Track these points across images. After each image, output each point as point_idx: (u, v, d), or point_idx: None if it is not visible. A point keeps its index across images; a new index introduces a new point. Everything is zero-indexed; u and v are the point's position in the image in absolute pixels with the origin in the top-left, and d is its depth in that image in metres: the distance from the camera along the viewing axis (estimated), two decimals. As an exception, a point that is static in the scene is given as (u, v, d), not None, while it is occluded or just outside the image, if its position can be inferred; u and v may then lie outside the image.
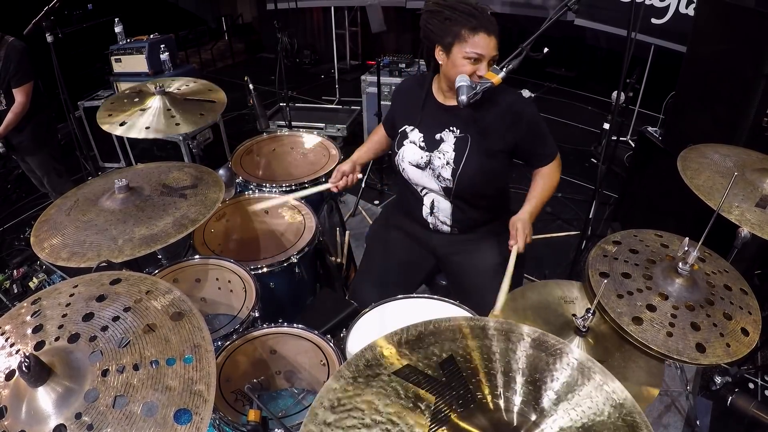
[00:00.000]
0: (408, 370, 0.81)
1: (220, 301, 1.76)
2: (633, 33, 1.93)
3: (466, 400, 0.78)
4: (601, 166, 2.24)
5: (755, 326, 1.14)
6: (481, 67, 1.48)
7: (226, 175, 2.21)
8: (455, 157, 1.62)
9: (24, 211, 3.61)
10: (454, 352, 0.84)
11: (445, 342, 0.86)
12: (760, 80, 2.03)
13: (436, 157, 1.65)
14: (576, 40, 5.05)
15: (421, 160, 1.68)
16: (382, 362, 0.82)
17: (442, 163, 1.64)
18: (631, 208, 3.05)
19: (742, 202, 1.39)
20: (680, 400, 2.04)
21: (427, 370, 0.81)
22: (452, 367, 0.82)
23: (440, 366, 0.82)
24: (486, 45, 1.46)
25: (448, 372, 0.81)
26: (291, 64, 6.51)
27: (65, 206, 1.54)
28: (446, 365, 0.82)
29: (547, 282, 1.42)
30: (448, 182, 1.65)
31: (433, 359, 0.83)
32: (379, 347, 0.84)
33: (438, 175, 1.66)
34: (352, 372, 0.80)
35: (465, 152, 1.61)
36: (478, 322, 0.90)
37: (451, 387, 0.79)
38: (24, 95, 2.65)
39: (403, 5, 5.01)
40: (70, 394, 0.80)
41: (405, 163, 1.72)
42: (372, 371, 0.80)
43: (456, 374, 0.81)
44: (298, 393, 1.51)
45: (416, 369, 0.81)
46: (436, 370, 0.81)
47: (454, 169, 1.62)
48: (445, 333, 0.88)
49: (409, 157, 1.70)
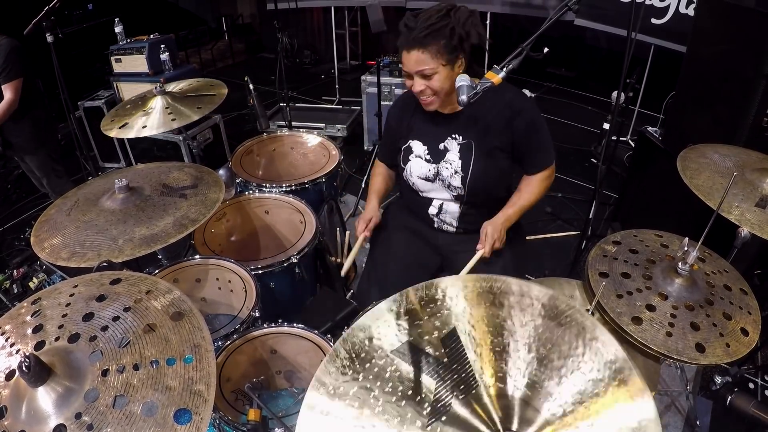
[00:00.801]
0: (407, 348, 0.79)
1: (220, 301, 1.76)
2: (633, 33, 1.93)
3: (468, 385, 0.75)
4: (601, 166, 2.24)
5: (755, 326, 1.14)
6: (415, 82, 1.52)
7: (226, 175, 2.21)
8: (462, 165, 1.62)
9: (24, 211, 3.60)
10: (458, 326, 0.81)
11: (448, 311, 0.82)
12: (760, 80, 2.03)
13: (444, 168, 1.65)
14: (576, 40, 5.05)
15: (429, 173, 1.69)
16: (380, 343, 0.80)
17: (451, 173, 1.64)
18: (631, 208, 3.05)
19: (742, 202, 1.39)
20: (680, 399, 2.04)
21: (428, 348, 0.79)
22: (455, 343, 0.79)
23: (442, 342, 0.79)
24: (406, 61, 1.50)
25: (450, 349, 0.78)
26: (291, 64, 6.51)
27: (65, 206, 1.54)
28: (449, 340, 0.79)
29: (545, 280, 1.42)
30: (459, 190, 1.66)
31: (434, 334, 0.80)
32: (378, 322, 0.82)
33: (448, 185, 1.67)
34: (342, 362, 0.79)
35: (471, 158, 1.61)
36: (486, 282, 0.85)
37: (453, 369, 0.76)
38: (12, 92, 2.62)
39: (403, 5, 5.01)
40: (70, 394, 0.80)
41: (414, 177, 1.72)
42: (367, 355, 0.79)
43: (459, 351, 0.78)
44: (298, 393, 1.51)
45: (417, 347, 0.79)
46: (438, 347, 0.78)
47: (463, 177, 1.63)
48: (447, 302, 0.84)
49: (417, 171, 1.71)
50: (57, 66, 2.48)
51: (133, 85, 3.71)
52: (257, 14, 7.29)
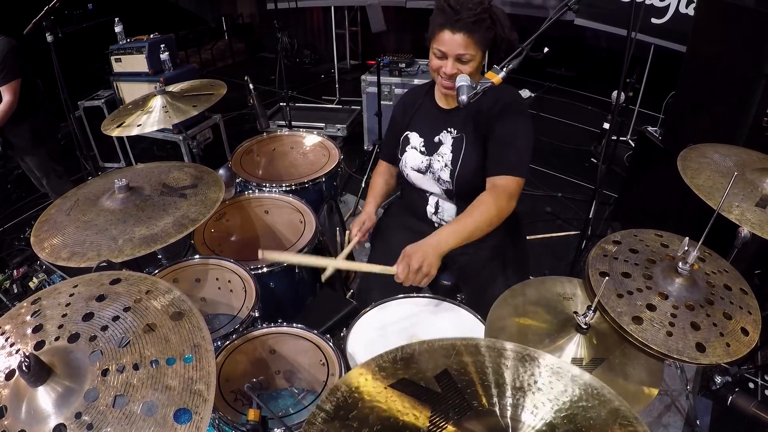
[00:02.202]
0: (404, 383, 0.82)
1: (220, 301, 1.76)
2: (633, 33, 1.93)
3: (462, 408, 0.78)
4: (601, 166, 2.24)
5: (755, 326, 1.14)
6: (446, 64, 1.50)
7: (226, 174, 2.21)
8: (452, 158, 1.62)
9: (24, 211, 3.61)
10: (449, 366, 0.85)
11: (439, 358, 0.87)
12: (760, 80, 2.03)
13: (435, 161, 1.65)
14: (576, 40, 5.05)
15: (421, 164, 1.68)
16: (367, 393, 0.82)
17: (441, 166, 1.64)
18: (631, 207, 3.05)
19: (742, 201, 1.39)
20: (680, 399, 2.04)
21: (422, 383, 0.82)
22: (447, 380, 0.83)
23: (436, 379, 0.83)
24: (449, 42, 1.47)
25: (443, 384, 0.82)
26: (291, 64, 6.51)
27: (65, 206, 1.54)
28: (442, 378, 0.83)
29: (545, 278, 1.42)
30: (447, 184, 1.65)
31: (427, 374, 0.84)
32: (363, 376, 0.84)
33: (438, 178, 1.66)
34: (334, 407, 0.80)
35: (461, 152, 1.60)
36: (471, 341, 0.90)
37: (447, 398, 0.80)
38: (11, 93, 2.62)
39: (403, 5, 5.01)
40: (70, 393, 0.80)
41: (408, 168, 1.72)
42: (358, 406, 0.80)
43: (451, 386, 0.82)
44: (297, 393, 1.51)
45: (412, 382, 0.82)
46: (432, 383, 0.82)
47: (452, 170, 1.62)
48: (438, 351, 0.88)
49: (411, 162, 1.70)
50: (57, 66, 2.48)
51: (133, 85, 3.71)
52: (257, 14, 7.29)
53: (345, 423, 0.75)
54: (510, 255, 1.72)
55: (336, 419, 0.76)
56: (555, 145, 4.35)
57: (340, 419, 0.76)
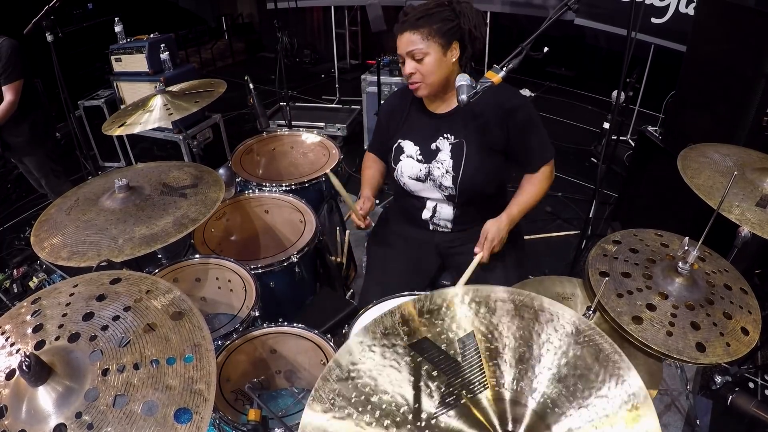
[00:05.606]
0: (425, 344, 0.80)
1: (220, 301, 1.76)
2: (633, 32, 1.93)
3: (477, 385, 0.76)
4: (601, 166, 2.24)
5: (755, 325, 1.14)
6: (406, 65, 1.54)
7: (226, 174, 2.21)
8: (453, 164, 1.61)
9: (24, 211, 3.60)
10: (477, 328, 0.82)
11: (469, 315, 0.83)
12: (760, 80, 2.03)
13: (435, 168, 1.65)
14: (576, 39, 5.05)
15: (420, 173, 1.68)
16: (400, 332, 0.81)
17: (442, 173, 1.64)
18: (631, 207, 3.05)
19: (742, 201, 1.39)
20: (680, 399, 2.04)
21: (443, 345, 0.80)
22: (471, 345, 0.80)
23: (460, 342, 0.80)
24: (399, 44, 1.54)
25: (465, 350, 0.79)
26: (291, 64, 6.50)
27: (65, 206, 1.54)
28: (465, 342, 0.80)
29: (544, 278, 1.42)
30: (450, 190, 1.65)
31: (451, 333, 0.81)
32: (402, 312, 0.84)
33: (439, 185, 1.66)
34: (370, 339, 0.80)
35: (462, 158, 1.60)
36: (519, 296, 0.85)
37: (464, 370, 0.78)
38: (13, 93, 2.61)
39: (403, 5, 5.00)
40: (70, 393, 0.80)
41: (405, 177, 1.71)
42: (389, 341, 0.80)
43: (473, 354, 0.79)
44: (298, 392, 1.51)
45: (434, 344, 0.80)
46: (453, 346, 0.80)
47: (454, 176, 1.62)
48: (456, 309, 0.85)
49: (408, 171, 1.69)
50: (57, 65, 2.48)
51: (133, 85, 3.71)
52: (257, 14, 7.28)
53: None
54: (509, 255, 1.72)
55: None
56: (555, 145, 4.31)
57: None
